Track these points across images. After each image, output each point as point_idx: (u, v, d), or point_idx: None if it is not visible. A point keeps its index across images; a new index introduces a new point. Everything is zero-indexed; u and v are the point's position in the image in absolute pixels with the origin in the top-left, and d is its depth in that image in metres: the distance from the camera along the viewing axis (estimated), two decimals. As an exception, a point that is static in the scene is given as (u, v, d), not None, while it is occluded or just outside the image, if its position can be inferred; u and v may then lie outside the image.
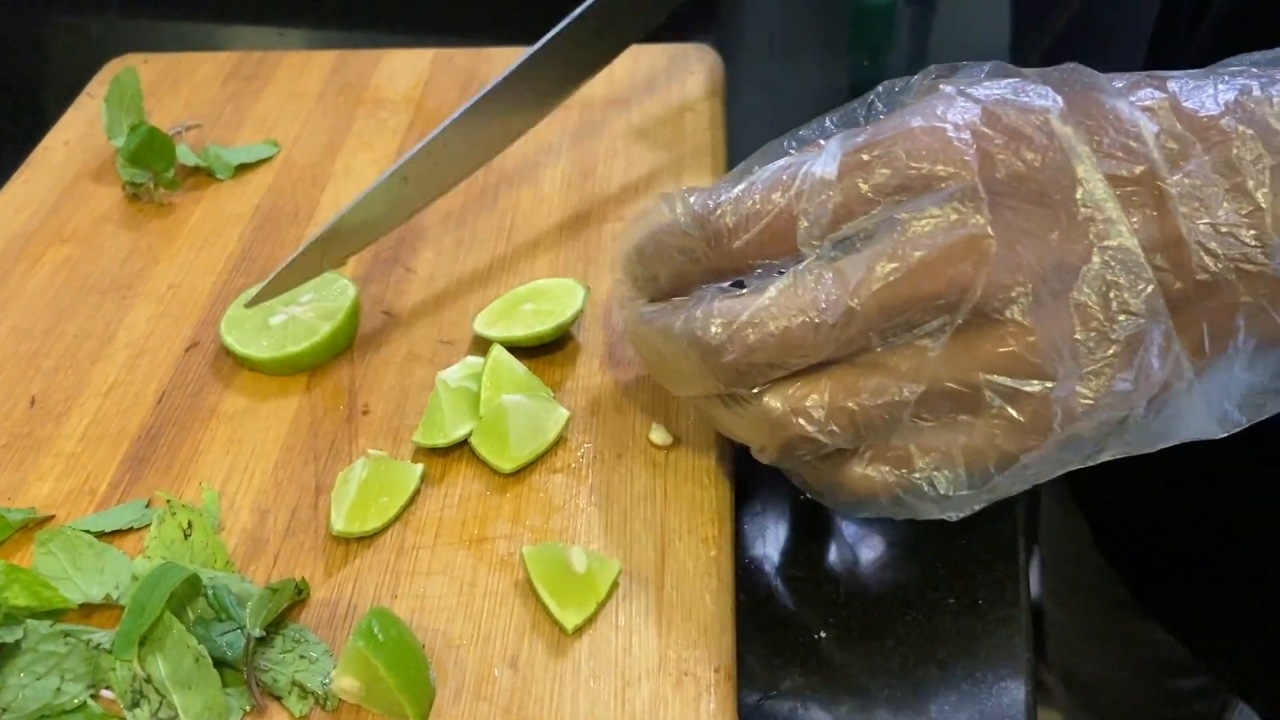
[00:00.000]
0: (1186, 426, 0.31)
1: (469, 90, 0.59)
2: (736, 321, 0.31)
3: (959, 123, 0.30)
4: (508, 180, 0.53)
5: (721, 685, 0.34)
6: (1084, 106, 0.31)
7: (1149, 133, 0.30)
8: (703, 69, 0.59)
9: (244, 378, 0.45)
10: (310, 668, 0.34)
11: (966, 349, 0.30)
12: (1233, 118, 0.30)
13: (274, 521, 0.39)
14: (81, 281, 0.50)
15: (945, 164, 0.30)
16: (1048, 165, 0.30)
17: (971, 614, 0.38)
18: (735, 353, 0.31)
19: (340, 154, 0.56)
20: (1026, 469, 0.31)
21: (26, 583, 0.35)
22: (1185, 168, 0.30)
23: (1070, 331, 0.29)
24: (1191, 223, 0.29)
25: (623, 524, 0.38)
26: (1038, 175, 0.30)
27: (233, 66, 0.62)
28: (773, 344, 0.31)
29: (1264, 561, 0.52)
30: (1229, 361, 0.31)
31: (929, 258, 0.29)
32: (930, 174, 0.30)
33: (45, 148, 0.57)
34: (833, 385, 0.31)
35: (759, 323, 0.31)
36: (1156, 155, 0.30)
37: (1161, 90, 0.31)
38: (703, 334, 0.32)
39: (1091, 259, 0.29)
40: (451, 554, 0.38)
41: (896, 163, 0.30)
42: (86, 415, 0.43)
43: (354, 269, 0.49)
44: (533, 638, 0.35)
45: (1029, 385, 0.30)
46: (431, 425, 0.41)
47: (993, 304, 0.29)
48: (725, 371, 0.32)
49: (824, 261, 0.31)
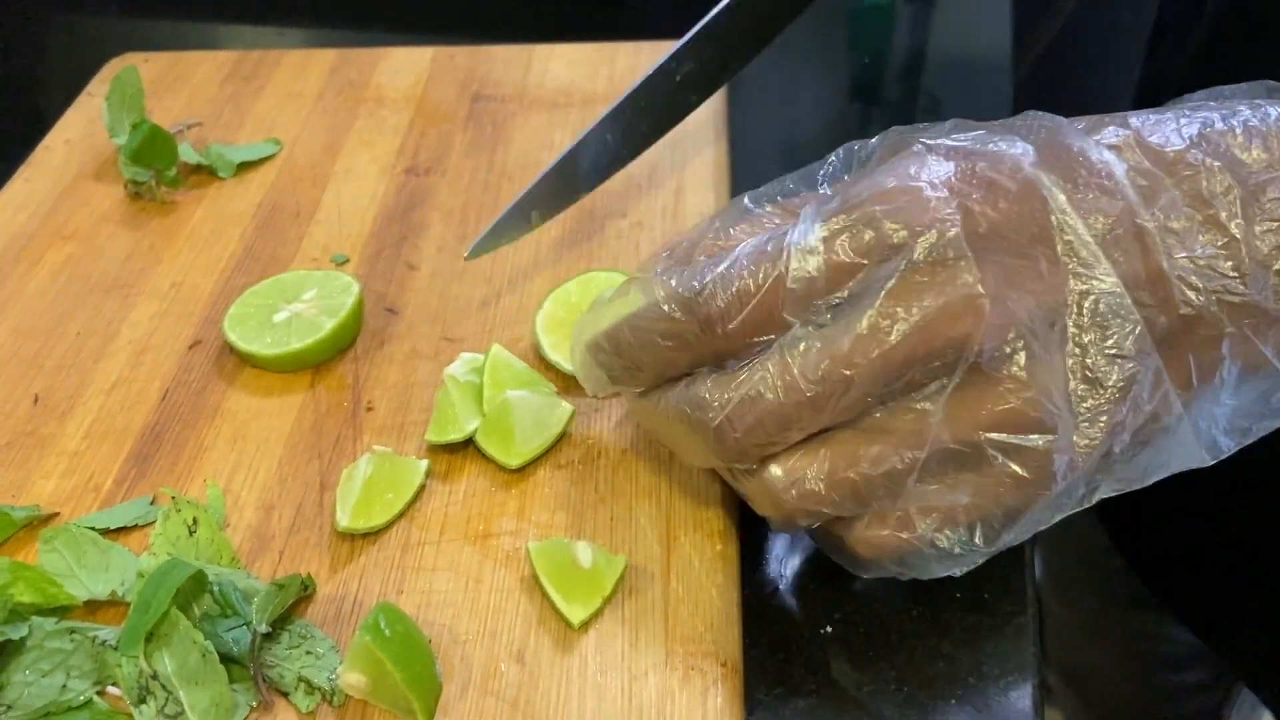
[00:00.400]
0: (1177, 458, 0.31)
1: (469, 88, 0.59)
2: (733, 403, 0.31)
3: (933, 180, 0.30)
4: (510, 177, 0.53)
5: (728, 679, 0.34)
6: (1053, 151, 0.31)
7: (1120, 171, 0.30)
8: (704, 67, 0.59)
9: (248, 375, 0.45)
10: (317, 663, 0.34)
11: (966, 408, 0.30)
12: (1199, 150, 0.30)
13: (279, 518, 0.39)
14: (84, 280, 0.49)
15: (927, 223, 0.29)
16: (1025, 213, 0.30)
17: (978, 610, 0.38)
18: (736, 434, 0.31)
19: (341, 152, 0.56)
20: (1030, 521, 0.31)
21: (32, 580, 0.35)
22: (1158, 203, 0.30)
23: (1064, 381, 0.29)
24: (1171, 258, 0.29)
25: (628, 519, 0.38)
26: (1017, 225, 0.30)
27: (233, 65, 0.62)
28: (771, 422, 0.31)
29: (1274, 546, 0.52)
30: (1215, 391, 0.31)
31: (922, 320, 0.29)
32: (913, 234, 0.29)
33: (46, 147, 0.57)
34: (833, 455, 0.31)
35: (754, 401, 0.31)
36: (1131, 193, 0.30)
37: (1124, 128, 0.31)
38: (702, 417, 0.32)
39: (1079, 305, 0.29)
40: (457, 550, 0.38)
41: (877, 225, 0.30)
42: (90, 413, 0.43)
43: (356, 266, 0.49)
44: (539, 633, 0.35)
45: (1029, 440, 0.30)
46: (443, 421, 0.41)
47: (989, 361, 0.29)
48: (728, 453, 0.32)
49: (812, 331, 0.31)
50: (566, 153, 0.47)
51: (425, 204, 0.52)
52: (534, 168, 0.54)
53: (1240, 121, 0.30)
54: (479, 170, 0.54)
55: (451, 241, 0.50)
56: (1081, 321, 0.29)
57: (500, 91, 0.59)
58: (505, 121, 0.57)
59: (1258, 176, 0.30)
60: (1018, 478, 0.30)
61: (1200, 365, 0.30)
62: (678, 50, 0.47)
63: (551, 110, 0.57)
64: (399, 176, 0.54)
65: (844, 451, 0.31)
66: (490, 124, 0.57)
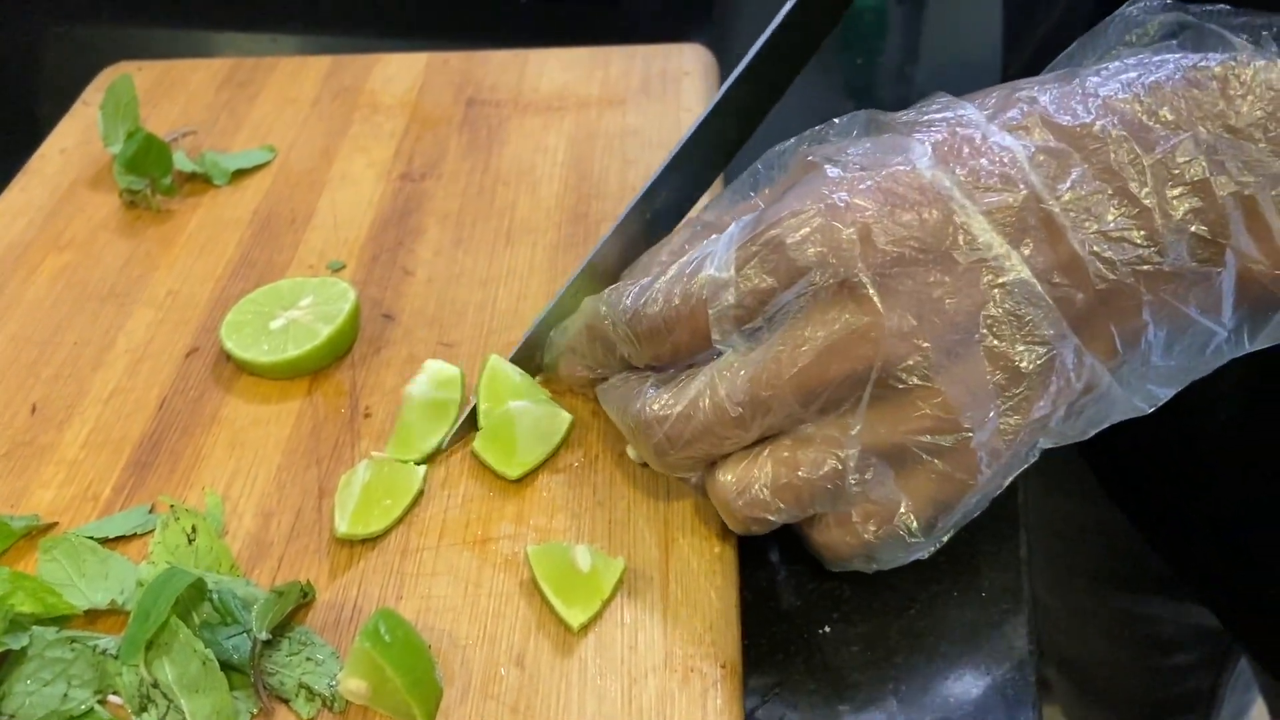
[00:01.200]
0: (1116, 411, 0.33)
1: (464, 93, 0.59)
2: (669, 421, 0.34)
3: (835, 203, 0.31)
4: (505, 181, 0.53)
5: (727, 680, 0.34)
6: (952, 146, 0.31)
7: (1023, 156, 0.31)
8: (698, 69, 0.59)
9: (245, 382, 0.45)
10: (317, 670, 0.34)
11: (884, 417, 0.32)
12: (1104, 121, 0.30)
13: (278, 525, 0.39)
14: (80, 289, 0.50)
15: (830, 246, 0.31)
16: (929, 221, 0.31)
17: (974, 606, 0.38)
18: (675, 452, 0.34)
19: (337, 158, 0.56)
20: (969, 506, 0.33)
21: (32, 589, 0.35)
22: (1067, 180, 0.30)
23: (983, 375, 0.31)
24: (1083, 235, 0.30)
25: (626, 522, 0.39)
26: (918, 233, 0.31)
27: (227, 73, 0.62)
28: (705, 439, 0.33)
29: (1274, 507, 0.52)
30: (1144, 354, 0.32)
31: (824, 346, 0.31)
32: (816, 258, 0.31)
33: (42, 156, 0.57)
34: (773, 463, 0.33)
35: (688, 419, 0.33)
36: (1034, 178, 0.30)
37: (1030, 105, 0.31)
38: (646, 433, 0.35)
39: (990, 300, 0.30)
40: (456, 555, 0.38)
41: (781, 253, 0.31)
42: (88, 422, 0.43)
43: (353, 272, 0.49)
44: (538, 637, 0.35)
45: (945, 440, 0.31)
46: (402, 440, 0.41)
47: (895, 375, 0.31)
48: (671, 467, 0.35)
49: (738, 354, 0.33)
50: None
51: (421, 209, 0.52)
52: (529, 170, 0.54)
53: (1145, 84, 0.30)
54: (474, 174, 0.54)
55: (447, 246, 0.50)
56: (996, 315, 0.30)
57: (495, 96, 0.59)
58: (500, 126, 0.57)
59: (1166, 141, 0.30)
60: (944, 474, 0.32)
61: (1124, 334, 0.31)
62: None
63: (546, 114, 0.57)
64: (394, 182, 0.54)
65: (783, 459, 0.33)
66: (485, 129, 0.57)
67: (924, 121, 0.33)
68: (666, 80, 0.59)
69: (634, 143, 0.55)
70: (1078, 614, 0.80)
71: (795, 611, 0.38)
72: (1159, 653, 0.74)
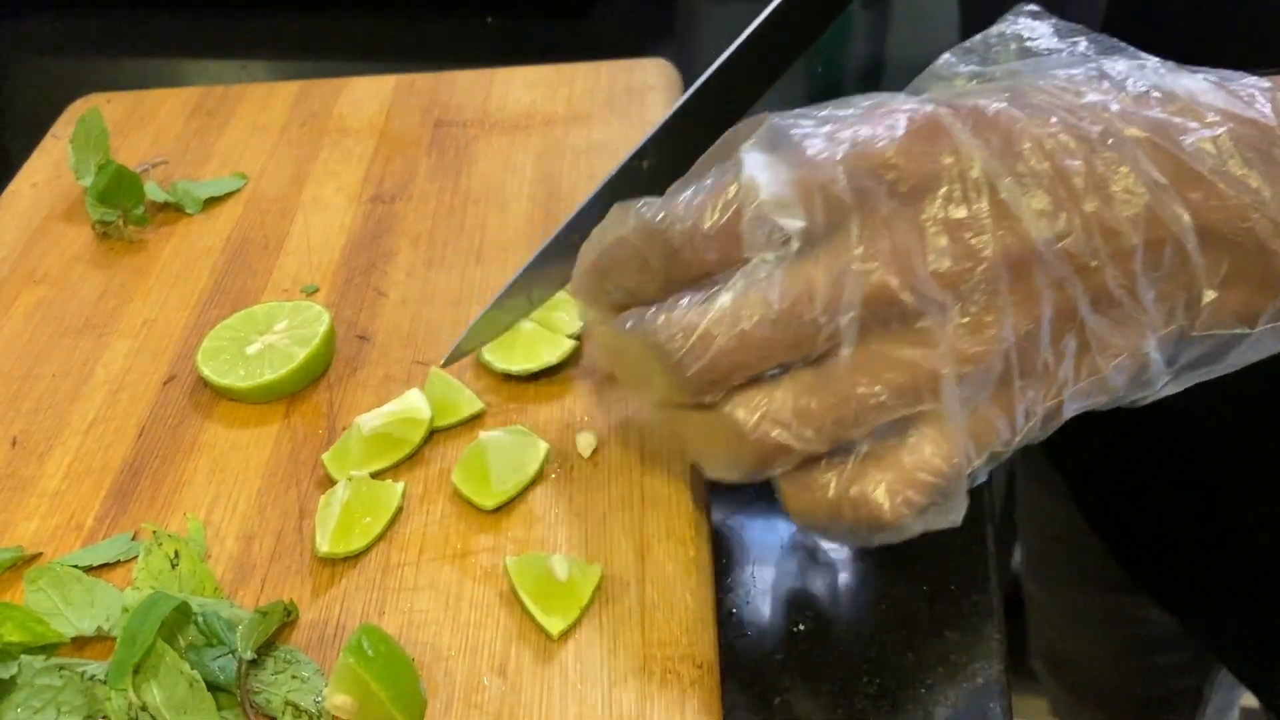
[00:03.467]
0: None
1: (432, 114, 0.60)
2: (697, 330, 0.31)
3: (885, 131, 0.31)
4: (475, 200, 0.54)
5: (705, 681, 0.35)
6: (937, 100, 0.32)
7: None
8: (661, 83, 0.60)
9: (223, 408, 0.45)
10: (303, 687, 0.35)
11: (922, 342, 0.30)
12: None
13: (260, 547, 0.40)
14: (56, 322, 0.50)
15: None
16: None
17: (944, 600, 0.39)
18: (701, 361, 0.31)
19: (308, 183, 0.57)
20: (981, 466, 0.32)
21: (19, 619, 0.36)
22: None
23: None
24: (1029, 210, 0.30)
25: (602, 531, 0.39)
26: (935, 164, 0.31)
27: (196, 101, 0.63)
28: (735, 347, 0.31)
29: (1245, 526, 0.54)
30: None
31: (867, 259, 0.30)
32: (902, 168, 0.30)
33: (13, 191, 0.58)
34: (795, 387, 0.31)
35: (719, 329, 0.31)
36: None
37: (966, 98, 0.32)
38: (668, 344, 0.31)
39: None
40: (436, 569, 0.39)
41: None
42: (69, 453, 0.44)
43: (326, 295, 0.50)
44: (520, 645, 0.36)
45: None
46: (338, 456, 0.42)
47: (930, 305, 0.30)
48: (693, 382, 0.31)
49: (774, 262, 0.31)
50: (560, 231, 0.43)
51: (392, 231, 0.53)
52: (498, 188, 0.55)
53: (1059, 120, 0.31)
54: (444, 195, 0.55)
55: (419, 266, 0.51)
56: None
57: (462, 116, 0.60)
58: (468, 146, 0.58)
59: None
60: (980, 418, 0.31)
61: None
62: (643, 145, 0.44)
63: (513, 133, 0.58)
64: (365, 205, 0.55)
65: (805, 384, 0.31)
66: (453, 149, 0.58)
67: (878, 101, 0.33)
68: (631, 95, 0.60)
69: (600, 158, 0.56)
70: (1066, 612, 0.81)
71: (770, 611, 0.39)
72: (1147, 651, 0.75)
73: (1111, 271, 0.30)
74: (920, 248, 0.30)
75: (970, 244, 0.30)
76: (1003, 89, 0.32)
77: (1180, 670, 0.76)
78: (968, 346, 0.30)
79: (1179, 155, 0.30)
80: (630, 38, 0.73)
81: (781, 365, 0.31)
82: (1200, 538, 0.57)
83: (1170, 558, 0.61)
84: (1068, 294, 0.30)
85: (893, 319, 0.30)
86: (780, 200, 0.31)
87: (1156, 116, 0.31)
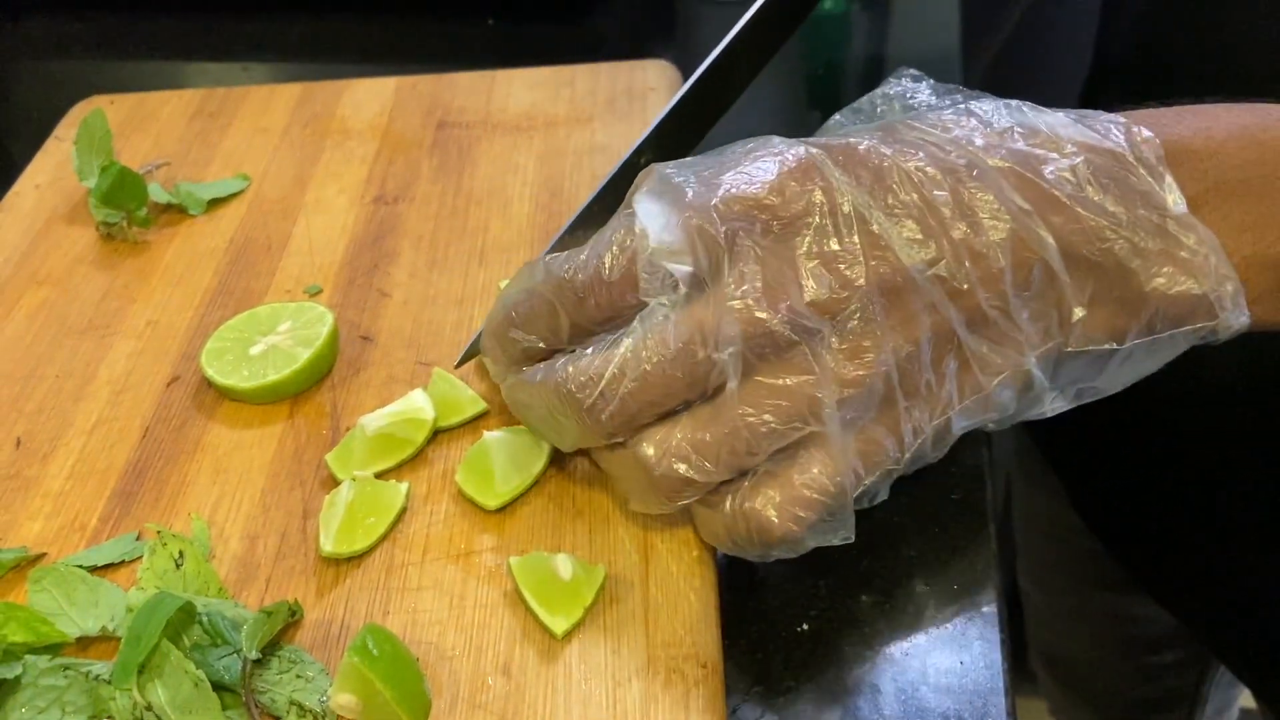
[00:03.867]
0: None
1: (434, 116, 0.60)
2: (605, 376, 0.33)
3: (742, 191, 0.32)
4: (477, 201, 0.54)
5: (709, 680, 0.35)
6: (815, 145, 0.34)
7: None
8: (662, 85, 0.60)
9: (227, 408, 0.45)
10: (307, 687, 0.35)
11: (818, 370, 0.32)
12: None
13: (264, 547, 0.40)
14: (60, 323, 0.50)
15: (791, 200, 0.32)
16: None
17: (947, 599, 0.39)
18: (610, 405, 0.33)
19: (310, 185, 0.57)
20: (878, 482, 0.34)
21: (23, 619, 0.36)
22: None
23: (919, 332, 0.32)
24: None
25: (606, 531, 0.39)
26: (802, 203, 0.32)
27: (199, 103, 0.63)
28: (638, 389, 0.33)
29: (1243, 525, 0.54)
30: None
31: (762, 291, 0.31)
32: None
33: (16, 193, 0.58)
34: (692, 423, 0.33)
35: (623, 373, 0.33)
36: None
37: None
38: (579, 392, 0.34)
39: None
40: (440, 569, 0.39)
41: (752, 201, 0.32)
42: (72, 454, 0.44)
43: (330, 295, 0.50)
44: (524, 645, 0.36)
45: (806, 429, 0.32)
46: (341, 456, 0.42)
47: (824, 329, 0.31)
48: (605, 425, 0.34)
49: (669, 305, 0.33)
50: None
51: (395, 232, 0.53)
52: (500, 190, 0.55)
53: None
54: (446, 196, 0.55)
55: (422, 267, 0.51)
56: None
57: (464, 118, 0.60)
58: (470, 147, 0.58)
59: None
60: (869, 438, 0.32)
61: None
62: (641, 143, 0.46)
63: (515, 134, 0.58)
64: (368, 206, 0.55)
65: (700, 418, 0.33)
66: (455, 150, 0.58)
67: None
68: (632, 97, 0.60)
69: (602, 159, 0.56)
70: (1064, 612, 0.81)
71: (773, 610, 0.39)
72: (1145, 650, 0.76)
73: (983, 293, 0.32)
74: (795, 280, 0.32)
75: (844, 274, 0.32)
76: (875, 128, 0.34)
77: (1178, 670, 0.76)
78: (847, 371, 0.32)
79: (1040, 183, 0.32)
80: (630, 39, 0.74)
81: (685, 402, 0.33)
82: (1198, 537, 0.58)
83: (1168, 557, 0.61)
84: (943, 316, 0.32)
85: (771, 350, 0.32)
86: (667, 246, 0.33)
87: (1019, 148, 0.32)
